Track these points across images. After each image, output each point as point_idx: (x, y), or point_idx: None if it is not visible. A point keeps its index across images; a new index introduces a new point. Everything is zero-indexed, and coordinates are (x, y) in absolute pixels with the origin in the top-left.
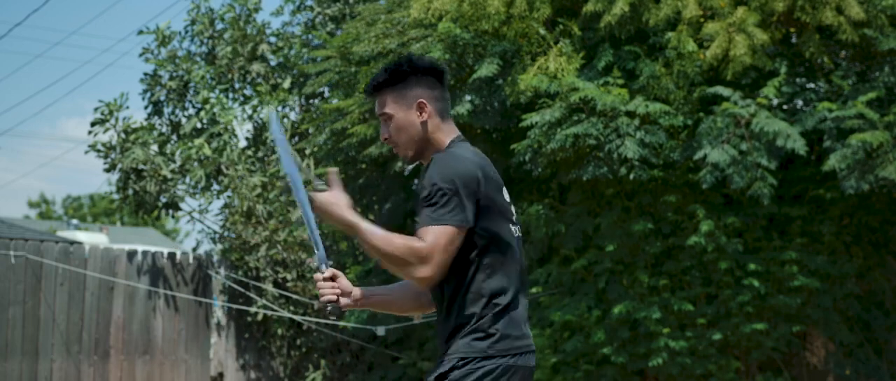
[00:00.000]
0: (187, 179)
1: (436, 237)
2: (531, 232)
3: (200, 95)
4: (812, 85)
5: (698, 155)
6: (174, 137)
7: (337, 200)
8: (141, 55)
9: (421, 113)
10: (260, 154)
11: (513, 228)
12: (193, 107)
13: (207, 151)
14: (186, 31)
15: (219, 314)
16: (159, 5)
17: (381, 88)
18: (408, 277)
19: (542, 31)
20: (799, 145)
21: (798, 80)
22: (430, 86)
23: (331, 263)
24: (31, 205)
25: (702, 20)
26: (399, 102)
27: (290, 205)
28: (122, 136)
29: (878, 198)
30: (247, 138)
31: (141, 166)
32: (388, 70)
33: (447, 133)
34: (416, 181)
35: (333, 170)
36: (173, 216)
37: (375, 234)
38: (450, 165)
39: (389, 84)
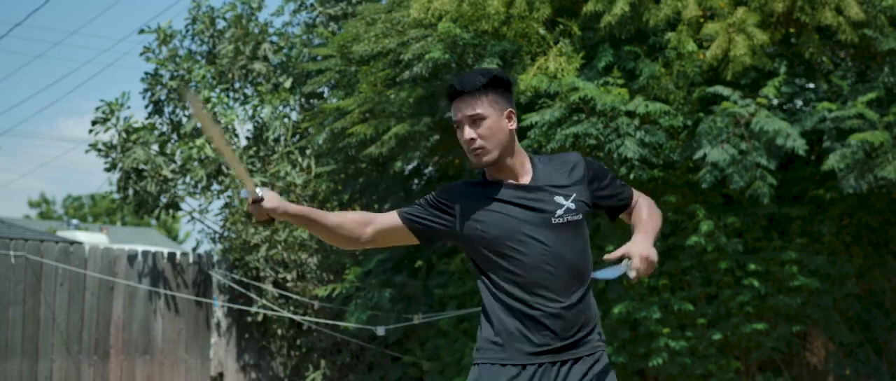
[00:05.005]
0: (187, 179)
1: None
2: None
3: (201, 94)
4: (812, 85)
5: (698, 155)
6: (175, 136)
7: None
8: (142, 54)
9: (509, 122)
10: (261, 154)
11: None
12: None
13: (209, 150)
14: (187, 30)
15: (219, 314)
16: (160, 5)
17: (479, 90)
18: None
19: (542, 31)
20: (799, 145)
21: (798, 80)
22: (513, 101)
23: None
24: (31, 205)
25: (702, 20)
26: (494, 106)
27: None
28: (123, 135)
29: (878, 198)
30: (248, 138)
31: (141, 166)
32: (488, 75)
33: (518, 144)
34: (416, 181)
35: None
36: (173, 216)
37: None
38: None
39: (489, 87)
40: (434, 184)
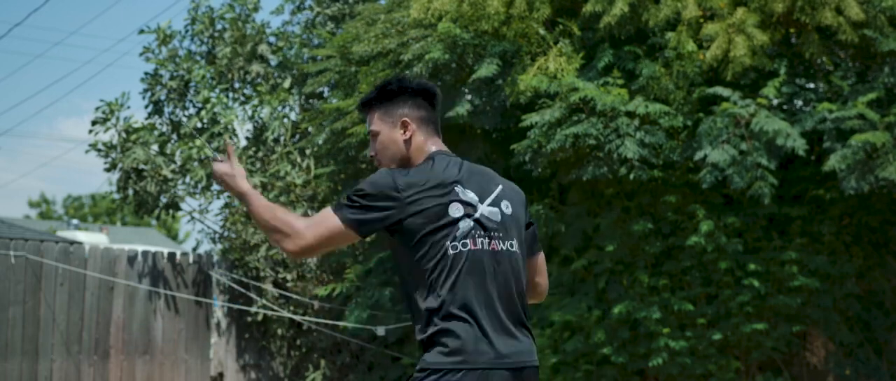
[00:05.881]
0: (187, 179)
1: (317, 220)
2: None
3: (201, 94)
4: (812, 85)
5: (698, 156)
6: (174, 136)
7: (233, 170)
8: (141, 54)
9: (404, 131)
10: (260, 154)
11: (478, 240)
12: (194, 106)
13: (208, 151)
14: (187, 31)
15: (219, 314)
16: (159, 5)
17: (370, 106)
18: (277, 245)
19: (541, 32)
20: (799, 145)
21: (798, 80)
22: (417, 106)
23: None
24: (32, 205)
25: (701, 21)
26: (385, 119)
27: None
28: (123, 135)
29: (878, 198)
30: (247, 138)
31: (141, 166)
32: (378, 88)
33: (426, 152)
34: None
35: (231, 142)
36: (173, 216)
37: (260, 203)
38: (375, 176)
39: (377, 102)
40: None
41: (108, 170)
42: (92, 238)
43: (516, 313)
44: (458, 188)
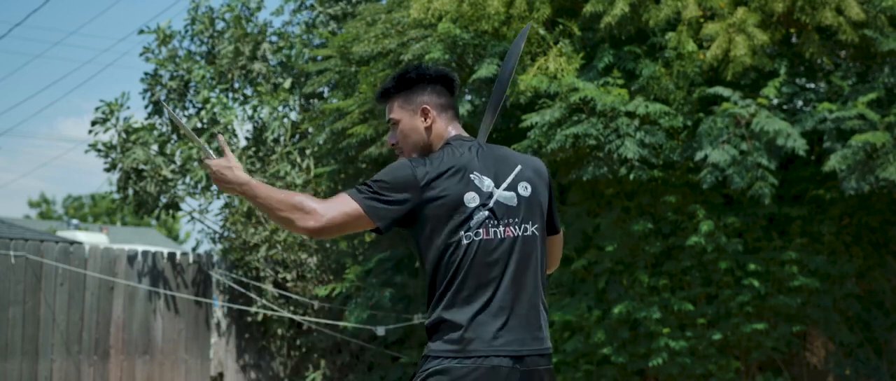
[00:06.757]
0: (187, 179)
1: (336, 201)
2: None
3: (201, 94)
4: (812, 85)
5: (699, 156)
6: (174, 136)
7: (230, 162)
8: (141, 55)
9: (425, 118)
10: (260, 154)
11: (491, 230)
12: (194, 107)
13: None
14: (187, 31)
15: (219, 314)
16: (159, 5)
17: (389, 95)
18: (293, 225)
19: (542, 32)
20: (799, 145)
21: (798, 80)
22: (437, 93)
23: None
24: (32, 205)
25: (702, 21)
26: (405, 107)
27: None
28: (123, 135)
29: (878, 198)
30: (247, 138)
31: (141, 166)
32: (396, 77)
33: (445, 138)
34: None
35: (222, 137)
36: (173, 216)
37: (266, 188)
38: (395, 166)
39: (397, 90)
40: None
41: (108, 170)
42: (92, 238)
43: (529, 300)
44: (475, 175)
